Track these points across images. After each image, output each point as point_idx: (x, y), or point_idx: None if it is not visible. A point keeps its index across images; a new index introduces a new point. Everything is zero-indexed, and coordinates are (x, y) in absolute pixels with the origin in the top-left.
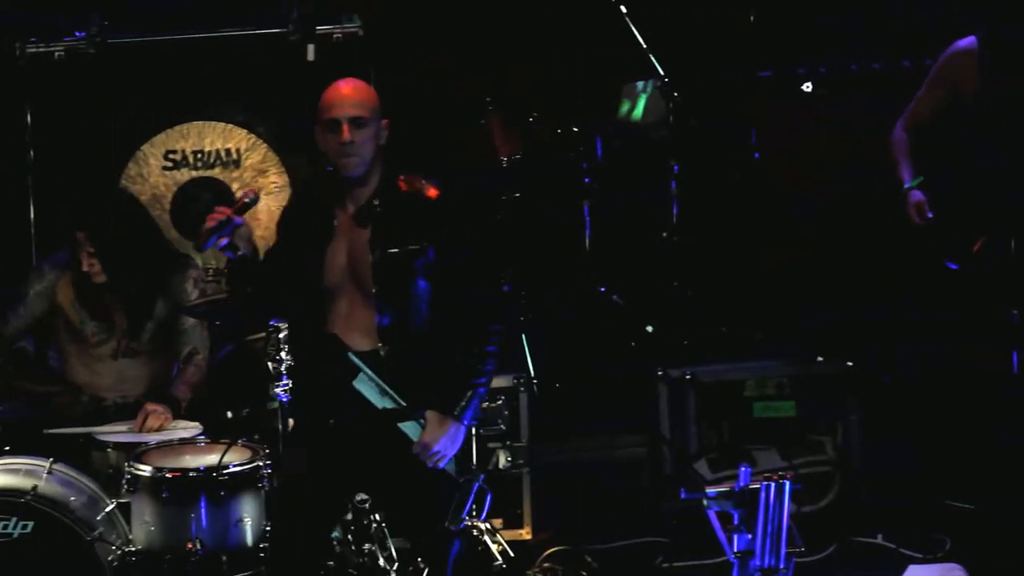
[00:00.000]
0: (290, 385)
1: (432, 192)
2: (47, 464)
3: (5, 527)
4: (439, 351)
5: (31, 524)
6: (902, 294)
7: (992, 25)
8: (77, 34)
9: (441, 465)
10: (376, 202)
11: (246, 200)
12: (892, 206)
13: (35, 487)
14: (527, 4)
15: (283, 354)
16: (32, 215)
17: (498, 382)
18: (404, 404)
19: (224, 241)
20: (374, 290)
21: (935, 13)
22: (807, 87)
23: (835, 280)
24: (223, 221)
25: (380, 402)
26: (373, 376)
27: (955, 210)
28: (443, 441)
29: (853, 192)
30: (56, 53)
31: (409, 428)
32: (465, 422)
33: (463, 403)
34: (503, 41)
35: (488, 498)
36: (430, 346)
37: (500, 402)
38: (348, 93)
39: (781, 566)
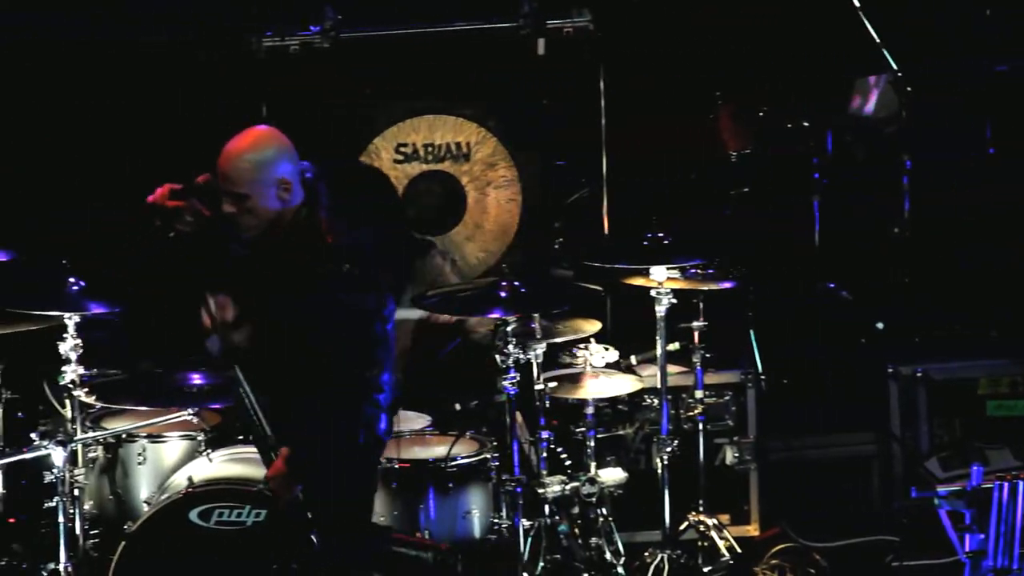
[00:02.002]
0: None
1: (329, 238)
2: None
3: (239, 515)
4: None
5: (264, 512)
6: None
7: None
8: (312, 28)
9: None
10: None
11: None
12: None
13: None
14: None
15: (510, 347)
16: None
17: (725, 378)
18: (268, 434)
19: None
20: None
21: None
22: None
23: None
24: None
25: (248, 424)
26: (249, 396)
27: None
28: (279, 481)
29: None
30: (291, 47)
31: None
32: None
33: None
34: (731, 35)
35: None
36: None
37: (727, 398)
38: (222, 166)
39: (1015, 567)
